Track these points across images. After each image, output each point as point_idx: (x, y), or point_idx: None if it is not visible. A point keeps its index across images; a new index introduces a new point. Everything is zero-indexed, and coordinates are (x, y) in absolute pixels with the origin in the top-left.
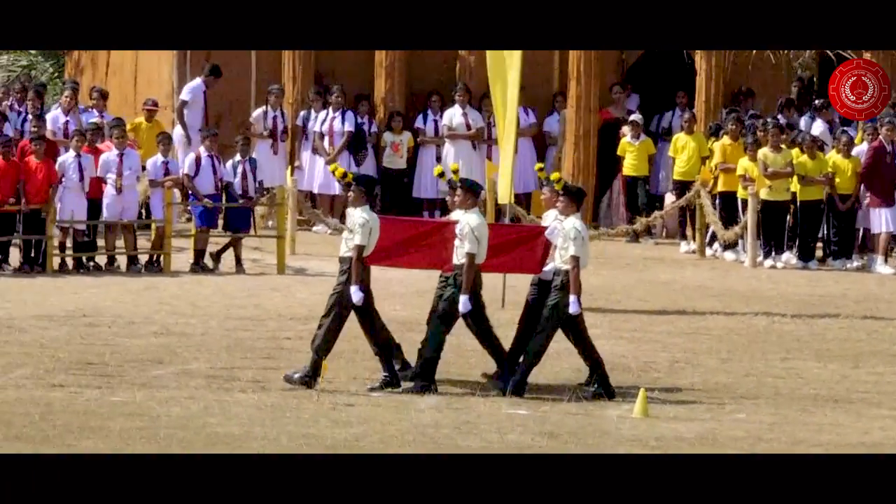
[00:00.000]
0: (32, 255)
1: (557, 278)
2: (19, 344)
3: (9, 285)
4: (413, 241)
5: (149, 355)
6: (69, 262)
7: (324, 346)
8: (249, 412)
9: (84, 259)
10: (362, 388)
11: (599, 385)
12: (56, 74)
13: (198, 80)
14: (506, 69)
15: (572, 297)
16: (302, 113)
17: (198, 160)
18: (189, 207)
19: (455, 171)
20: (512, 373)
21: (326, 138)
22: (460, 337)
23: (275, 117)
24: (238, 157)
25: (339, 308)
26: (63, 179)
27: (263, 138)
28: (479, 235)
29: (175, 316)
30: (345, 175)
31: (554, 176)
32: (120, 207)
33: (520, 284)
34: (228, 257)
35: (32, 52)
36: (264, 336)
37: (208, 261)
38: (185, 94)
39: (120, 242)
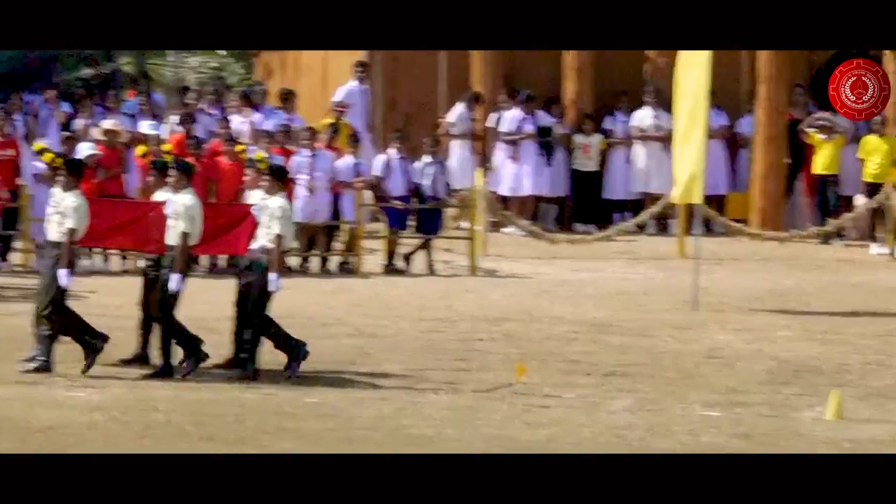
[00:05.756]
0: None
1: (265, 257)
2: (212, 346)
3: (202, 286)
4: (121, 223)
5: (342, 356)
6: None
7: (65, 331)
8: (442, 414)
9: None
10: (555, 391)
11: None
12: (246, 77)
13: (353, 82)
14: (693, 69)
15: (272, 275)
16: (493, 115)
17: (387, 162)
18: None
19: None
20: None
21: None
22: (653, 339)
23: (471, 119)
24: (428, 159)
25: (55, 293)
26: None
27: (461, 138)
28: (194, 215)
29: (367, 317)
30: (53, 159)
31: (257, 156)
32: (311, 209)
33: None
34: (420, 259)
35: (222, 54)
36: (457, 337)
37: (400, 262)
38: (340, 96)
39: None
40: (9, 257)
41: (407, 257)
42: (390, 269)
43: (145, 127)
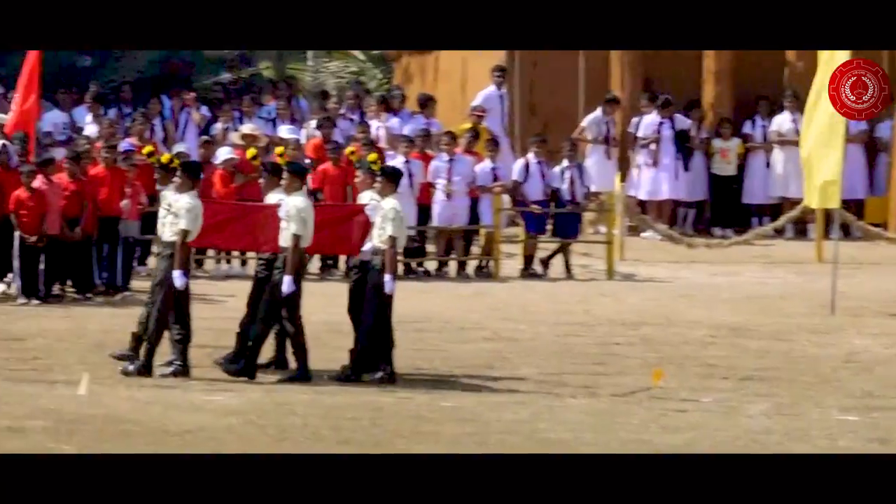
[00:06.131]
0: None
1: (377, 258)
2: (338, 349)
3: (339, 290)
4: (232, 224)
5: (479, 360)
6: (399, 267)
7: (157, 335)
8: (579, 418)
9: (414, 264)
10: (692, 395)
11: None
12: (385, 81)
13: (492, 88)
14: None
15: (387, 277)
16: (633, 119)
17: (526, 166)
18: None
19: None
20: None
21: (646, 152)
22: (790, 343)
23: (608, 123)
24: (566, 163)
25: (167, 291)
26: None
27: (597, 143)
28: (306, 217)
29: (505, 321)
30: (171, 161)
31: (371, 157)
32: (450, 213)
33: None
34: (558, 263)
35: (361, 58)
36: (594, 341)
37: (538, 266)
38: (479, 101)
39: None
40: (147, 262)
41: (545, 261)
42: (528, 274)
43: (284, 131)
